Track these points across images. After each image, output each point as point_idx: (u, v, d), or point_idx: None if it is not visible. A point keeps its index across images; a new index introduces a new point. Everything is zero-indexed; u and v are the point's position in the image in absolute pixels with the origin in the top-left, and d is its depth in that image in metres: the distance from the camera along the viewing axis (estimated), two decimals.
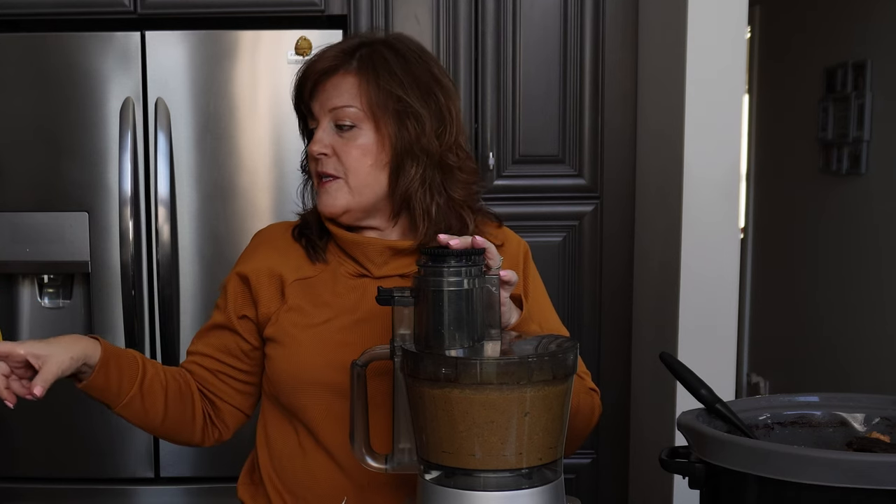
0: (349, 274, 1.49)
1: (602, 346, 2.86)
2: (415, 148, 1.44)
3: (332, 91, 1.44)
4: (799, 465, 1.06)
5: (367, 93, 1.43)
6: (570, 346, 1.21)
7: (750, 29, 4.54)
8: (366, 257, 1.48)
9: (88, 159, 2.64)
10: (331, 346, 1.44)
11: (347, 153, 1.44)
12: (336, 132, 1.45)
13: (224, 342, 1.52)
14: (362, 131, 1.44)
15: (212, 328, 1.55)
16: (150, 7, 2.68)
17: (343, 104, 1.43)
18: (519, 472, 1.18)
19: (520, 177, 2.78)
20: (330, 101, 1.44)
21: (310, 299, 1.48)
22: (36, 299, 2.76)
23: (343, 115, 1.43)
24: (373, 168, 1.45)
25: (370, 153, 1.44)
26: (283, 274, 1.49)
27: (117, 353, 1.44)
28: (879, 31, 3.46)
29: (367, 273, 1.48)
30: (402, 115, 1.43)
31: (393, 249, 1.47)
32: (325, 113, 1.44)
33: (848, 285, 3.71)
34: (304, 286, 1.49)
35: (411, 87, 1.43)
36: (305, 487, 1.46)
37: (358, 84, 1.43)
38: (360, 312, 1.46)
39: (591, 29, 2.76)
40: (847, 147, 3.66)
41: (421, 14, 2.75)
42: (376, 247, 1.47)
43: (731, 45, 2.36)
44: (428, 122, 1.44)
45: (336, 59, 1.44)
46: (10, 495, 2.72)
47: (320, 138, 1.44)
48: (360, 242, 1.48)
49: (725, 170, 2.40)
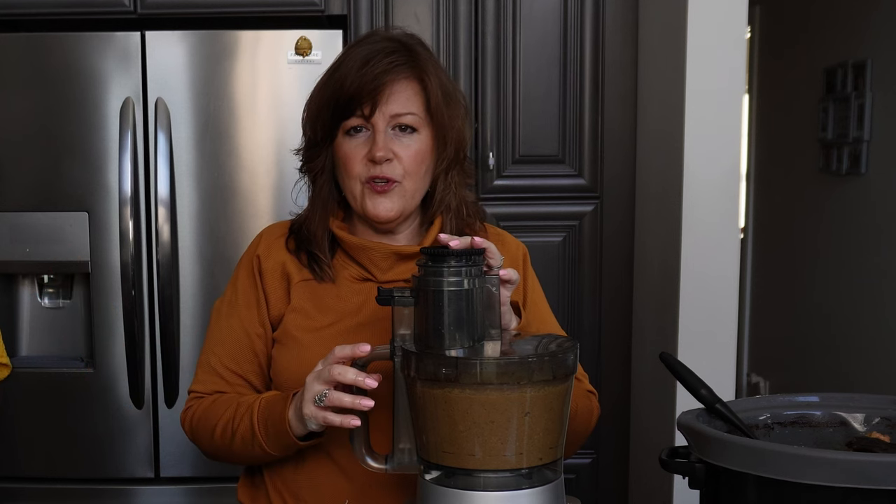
0: (353, 278, 1.49)
1: (602, 346, 2.86)
2: (458, 152, 1.48)
3: (392, 97, 1.43)
4: (799, 465, 1.06)
5: (426, 99, 1.45)
6: (570, 346, 1.21)
7: (750, 29, 4.54)
8: (371, 262, 1.48)
9: (88, 159, 2.64)
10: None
11: (408, 157, 1.44)
12: (394, 136, 1.45)
13: (242, 356, 1.50)
14: (421, 136, 1.45)
15: (226, 344, 1.50)
16: (150, 7, 2.67)
17: (406, 111, 1.44)
18: (519, 472, 1.18)
19: (520, 177, 2.78)
20: (390, 107, 1.43)
21: (313, 302, 1.48)
22: (36, 299, 2.76)
23: (404, 120, 1.44)
24: (426, 173, 1.47)
25: (426, 158, 1.46)
26: (290, 273, 1.49)
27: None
28: (879, 31, 3.46)
29: (371, 277, 1.48)
30: (452, 121, 1.47)
31: (398, 255, 1.48)
32: (384, 117, 1.44)
33: (848, 285, 3.71)
34: (308, 288, 1.48)
35: (453, 93, 1.48)
36: (306, 489, 1.46)
37: (418, 90, 1.45)
38: (363, 317, 1.46)
39: (591, 29, 2.76)
40: (847, 147, 3.66)
41: (421, 14, 2.75)
42: (382, 252, 1.48)
43: (731, 45, 2.36)
44: (465, 127, 1.48)
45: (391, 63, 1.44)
46: (10, 495, 2.72)
47: (383, 142, 1.43)
48: (367, 247, 1.48)
49: (725, 170, 2.40)
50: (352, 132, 1.45)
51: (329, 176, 1.50)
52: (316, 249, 1.49)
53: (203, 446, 1.50)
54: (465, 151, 1.51)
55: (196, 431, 1.49)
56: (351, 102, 1.43)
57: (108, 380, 2.67)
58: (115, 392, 2.67)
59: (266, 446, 1.39)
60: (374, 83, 1.42)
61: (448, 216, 1.50)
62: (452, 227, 1.50)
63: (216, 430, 1.44)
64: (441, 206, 1.50)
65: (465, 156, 1.52)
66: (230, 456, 1.47)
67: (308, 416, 1.30)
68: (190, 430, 1.50)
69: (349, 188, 1.47)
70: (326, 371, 1.28)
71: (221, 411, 1.44)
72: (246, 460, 1.48)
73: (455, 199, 1.51)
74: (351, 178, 1.46)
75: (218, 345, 1.51)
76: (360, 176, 1.45)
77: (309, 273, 1.49)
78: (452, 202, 1.50)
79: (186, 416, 1.51)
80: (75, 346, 2.75)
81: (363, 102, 1.43)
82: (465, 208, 1.52)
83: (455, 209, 1.51)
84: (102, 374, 2.67)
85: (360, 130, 1.45)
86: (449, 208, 1.50)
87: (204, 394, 1.50)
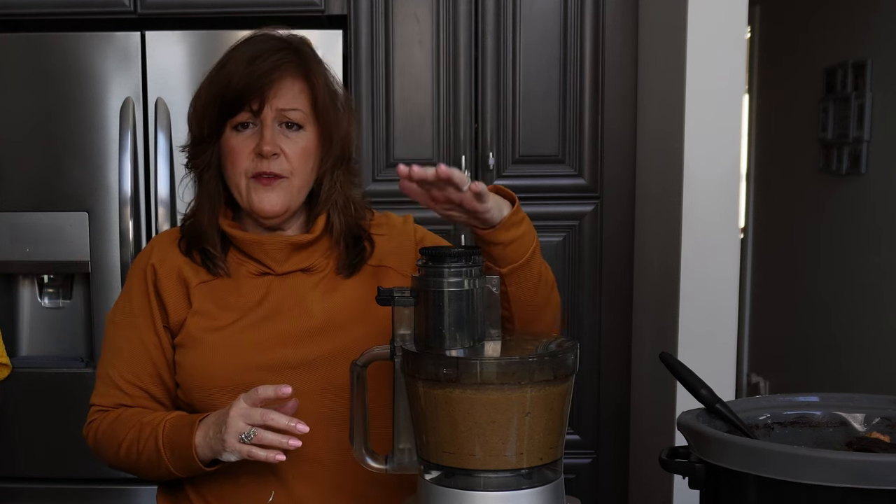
0: (251, 274, 1.49)
1: (602, 346, 2.86)
2: (344, 151, 1.50)
3: (280, 92, 1.44)
4: (799, 465, 1.06)
5: (312, 96, 1.46)
6: (570, 346, 1.21)
7: (750, 29, 4.54)
8: (267, 255, 1.48)
9: (88, 159, 2.64)
10: (242, 347, 1.44)
11: (294, 153, 1.45)
12: (280, 132, 1.45)
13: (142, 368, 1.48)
14: (307, 133, 1.47)
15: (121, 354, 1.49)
16: (150, 7, 2.68)
17: (291, 107, 1.45)
18: (519, 472, 1.18)
19: (520, 177, 2.78)
20: (277, 102, 1.44)
21: (215, 302, 1.47)
22: (36, 299, 2.76)
23: (290, 116, 1.45)
24: (312, 170, 1.48)
25: (312, 155, 1.48)
26: (187, 277, 1.49)
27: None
28: (879, 31, 3.46)
29: (269, 271, 1.49)
30: (338, 121, 1.49)
31: (293, 245, 1.48)
32: (272, 112, 1.44)
33: (848, 285, 3.71)
34: (208, 289, 1.48)
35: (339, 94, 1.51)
36: (230, 488, 1.44)
37: (304, 87, 1.46)
38: (265, 310, 1.46)
39: (591, 29, 2.76)
40: (847, 147, 3.66)
41: (421, 14, 2.75)
42: (277, 244, 1.48)
43: (731, 45, 2.36)
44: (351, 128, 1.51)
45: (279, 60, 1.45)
46: (10, 495, 2.72)
47: (270, 137, 1.44)
48: (261, 241, 1.48)
49: (725, 170, 2.40)
50: (239, 128, 1.46)
51: (215, 172, 1.50)
52: (207, 245, 1.49)
53: (108, 461, 1.49)
54: (350, 151, 1.53)
55: (100, 446, 1.49)
56: (239, 98, 1.44)
57: None
58: None
59: (172, 469, 1.40)
60: (261, 80, 1.43)
61: (335, 213, 1.50)
62: (341, 224, 1.50)
63: (121, 448, 1.44)
64: (328, 204, 1.50)
65: (351, 156, 1.53)
66: (137, 472, 1.47)
67: (230, 450, 1.31)
68: (94, 444, 1.50)
69: (235, 183, 1.47)
70: (257, 414, 1.29)
71: (125, 430, 1.44)
72: (154, 478, 1.47)
73: (341, 197, 1.51)
74: (237, 172, 1.46)
75: (116, 357, 1.50)
76: (247, 171, 1.45)
77: (206, 274, 1.48)
78: (339, 199, 1.51)
79: (90, 430, 1.50)
80: (75, 346, 2.75)
81: (251, 98, 1.43)
82: (353, 206, 1.52)
83: (342, 206, 1.51)
84: None
85: (247, 126, 1.45)
86: (336, 205, 1.50)
87: (107, 407, 1.49)
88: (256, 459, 1.30)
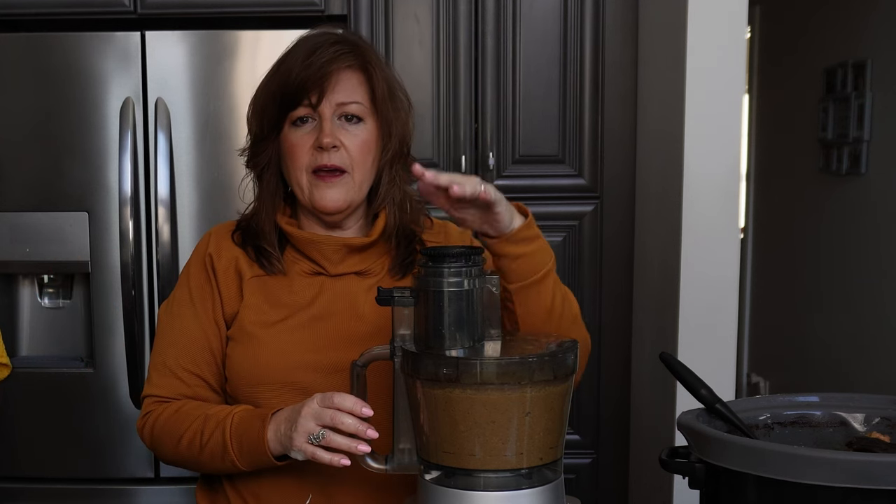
0: (304, 272, 1.49)
1: (602, 346, 2.86)
2: (403, 146, 1.49)
3: (338, 85, 1.44)
4: (799, 465, 1.06)
5: (371, 89, 1.46)
6: (570, 346, 1.21)
7: (750, 29, 4.54)
8: (322, 255, 1.48)
9: (88, 159, 2.64)
10: (292, 346, 1.44)
11: (355, 146, 1.45)
12: (340, 125, 1.45)
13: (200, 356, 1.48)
14: (367, 126, 1.46)
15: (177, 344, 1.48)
16: (150, 7, 2.68)
17: (350, 99, 1.45)
18: (519, 472, 1.19)
19: (520, 177, 2.78)
20: (336, 96, 1.44)
21: (266, 297, 1.47)
22: (36, 299, 2.76)
23: (349, 109, 1.45)
24: (372, 164, 1.48)
25: (372, 148, 1.47)
26: (242, 270, 1.48)
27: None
28: (879, 31, 3.46)
29: (322, 271, 1.48)
30: (396, 114, 1.48)
31: (349, 247, 1.48)
32: (331, 106, 1.44)
33: (848, 285, 3.71)
34: (260, 283, 1.48)
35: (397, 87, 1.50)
36: (267, 488, 1.45)
37: (362, 79, 1.46)
38: (316, 310, 1.46)
39: (591, 29, 2.76)
40: (847, 147, 3.66)
41: (421, 14, 2.75)
42: (332, 244, 1.48)
43: (731, 45, 2.36)
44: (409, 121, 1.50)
45: (336, 53, 1.45)
46: (10, 495, 2.72)
47: (330, 129, 1.44)
48: (317, 241, 1.48)
49: (725, 170, 2.40)
50: (298, 123, 1.45)
51: (275, 170, 1.50)
52: (264, 244, 1.48)
53: (164, 454, 1.47)
54: (408, 146, 1.52)
55: (158, 439, 1.46)
56: (298, 92, 1.44)
57: (108, 380, 2.67)
58: (115, 392, 2.67)
59: (238, 463, 1.39)
60: (320, 72, 1.43)
61: (392, 209, 1.50)
62: (396, 220, 1.50)
63: (182, 441, 1.42)
64: (386, 199, 1.50)
65: (409, 151, 1.52)
66: (195, 466, 1.45)
67: (297, 449, 1.30)
68: (150, 436, 1.47)
69: (296, 179, 1.46)
70: (328, 416, 1.27)
71: (188, 423, 1.42)
72: (211, 471, 1.46)
73: (399, 193, 1.51)
74: (298, 168, 1.46)
75: (172, 346, 1.48)
76: (307, 166, 1.45)
77: (259, 269, 1.48)
78: (397, 196, 1.50)
79: (146, 422, 1.47)
80: (75, 346, 2.75)
81: (310, 91, 1.43)
82: (409, 203, 1.52)
83: (399, 203, 1.50)
84: (102, 374, 2.67)
85: (306, 121, 1.45)
86: (393, 202, 1.50)
87: (164, 398, 1.47)
88: (320, 462, 1.29)
